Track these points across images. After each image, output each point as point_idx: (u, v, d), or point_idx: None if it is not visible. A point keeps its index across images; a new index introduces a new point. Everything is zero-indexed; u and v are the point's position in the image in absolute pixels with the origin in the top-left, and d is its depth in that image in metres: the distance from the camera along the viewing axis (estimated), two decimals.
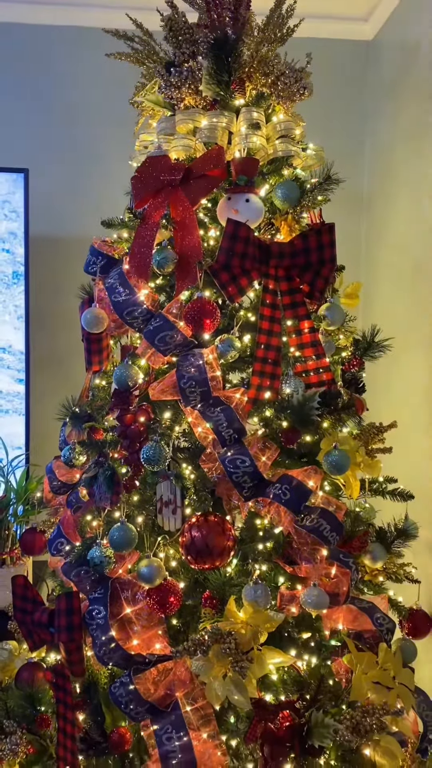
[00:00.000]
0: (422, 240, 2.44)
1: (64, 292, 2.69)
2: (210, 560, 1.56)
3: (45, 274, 2.69)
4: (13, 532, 2.25)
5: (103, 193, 2.76)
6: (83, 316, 1.76)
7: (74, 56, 2.86)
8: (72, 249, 2.73)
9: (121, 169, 2.62)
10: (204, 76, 1.67)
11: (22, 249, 2.41)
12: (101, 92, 2.86)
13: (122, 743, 1.60)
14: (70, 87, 2.88)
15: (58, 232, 2.79)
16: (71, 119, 2.87)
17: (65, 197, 2.84)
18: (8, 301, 2.41)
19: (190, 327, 1.61)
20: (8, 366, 2.43)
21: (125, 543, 1.56)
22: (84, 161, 2.88)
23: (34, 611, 1.69)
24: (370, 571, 1.88)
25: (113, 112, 2.78)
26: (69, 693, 1.62)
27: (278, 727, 1.51)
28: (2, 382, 2.42)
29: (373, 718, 1.47)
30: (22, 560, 2.27)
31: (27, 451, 2.43)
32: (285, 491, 1.54)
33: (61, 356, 2.76)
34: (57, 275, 2.71)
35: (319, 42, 1.85)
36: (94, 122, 2.87)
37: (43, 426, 2.51)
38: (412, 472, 2.09)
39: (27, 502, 2.26)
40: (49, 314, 2.72)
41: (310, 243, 1.63)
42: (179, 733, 1.48)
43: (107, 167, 2.83)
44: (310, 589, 1.56)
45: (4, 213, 2.40)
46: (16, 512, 2.24)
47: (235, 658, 1.45)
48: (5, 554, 2.22)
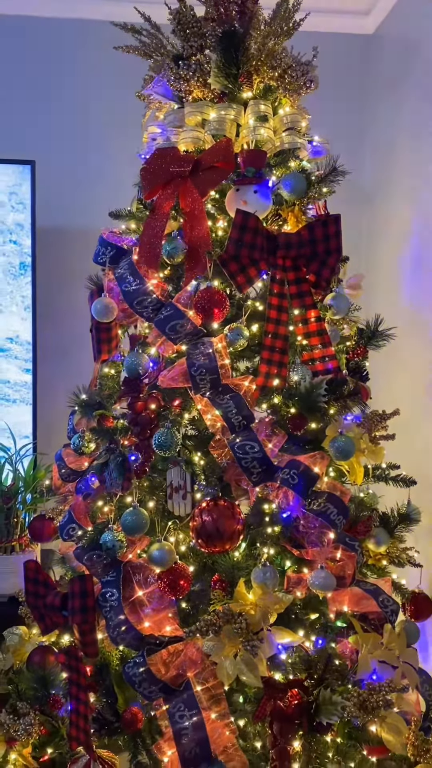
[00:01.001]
0: (423, 232, 2.48)
1: (70, 283, 2.72)
2: (220, 544, 1.60)
3: (51, 266, 2.72)
4: (21, 520, 2.28)
5: (108, 186, 2.78)
6: (93, 306, 1.78)
7: (81, 49, 2.88)
8: (77, 241, 2.76)
9: (126, 162, 2.65)
10: (213, 69, 1.69)
11: (29, 240, 2.44)
12: (107, 85, 2.87)
13: (135, 722, 1.64)
14: (77, 80, 2.89)
15: (64, 223, 2.81)
16: (77, 112, 2.89)
17: (71, 189, 2.87)
18: (15, 291, 2.44)
19: (201, 316, 1.65)
20: (16, 356, 2.45)
21: (138, 527, 1.60)
22: (89, 153, 2.90)
23: (46, 595, 1.72)
24: (374, 555, 1.92)
25: (119, 104, 2.79)
26: (82, 674, 1.66)
27: (287, 705, 1.55)
28: (10, 372, 2.45)
29: (379, 695, 1.52)
30: (31, 547, 2.31)
31: (34, 440, 2.46)
32: (293, 476, 1.58)
33: (67, 347, 2.78)
34: (63, 266, 2.74)
35: (320, 36, 1.87)
36: (99, 115, 2.89)
37: (49, 415, 2.55)
38: (414, 459, 2.13)
39: (35, 490, 2.29)
40: (56, 305, 2.75)
41: (317, 234, 1.66)
42: (191, 711, 1.52)
43: (112, 159, 2.86)
44: (317, 572, 1.60)
45: (12, 204, 2.42)
46: (24, 500, 2.27)
47: (245, 638, 1.49)
48: (14, 541, 2.26)
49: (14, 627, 2.03)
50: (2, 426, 2.44)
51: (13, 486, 2.24)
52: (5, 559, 2.25)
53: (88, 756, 1.66)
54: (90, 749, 1.64)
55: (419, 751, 1.67)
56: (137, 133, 2.27)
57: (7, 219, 2.43)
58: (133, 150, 2.22)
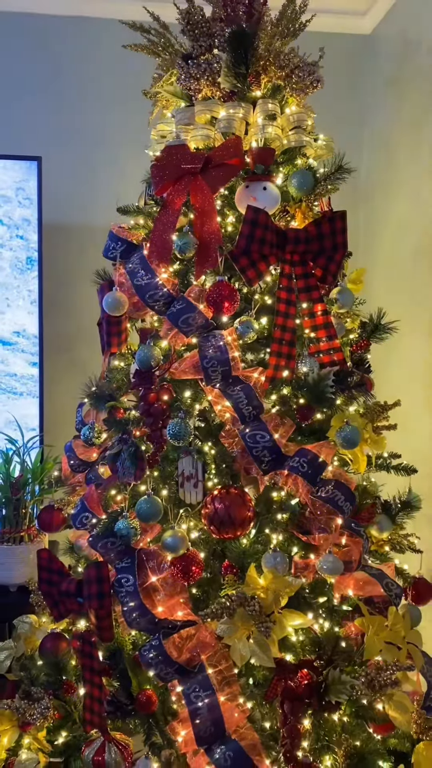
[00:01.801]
0: (421, 228, 2.54)
1: (75, 278, 2.75)
2: (232, 530, 1.65)
3: (57, 260, 2.74)
4: (29, 511, 2.32)
5: (113, 182, 2.83)
6: (104, 300, 1.82)
7: (87, 47, 2.90)
8: (82, 236, 2.80)
9: (130, 158, 2.68)
10: (223, 68, 1.73)
11: (35, 235, 2.46)
12: (112, 83, 2.90)
13: (150, 704, 1.68)
14: (83, 78, 2.92)
15: (69, 219, 2.84)
16: (83, 109, 2.92)
17: (77, 185, 2.89)
18: (22, 286, 2.46)
19: (212, 309, 1.69)
20: (22, 350, 2.48)
21: (152, 514, 1.64)
22: (95, 150, 2.93)
23: (60, 582, 1.76)
24: (377, 542, 1.99)
25: (124, 102, 2.84)
26: (95, 659, 1.71)
27: (298, 685, 1.60)
28: (17, 365, 2.48)
29: (386, 674, 1.58)
30: (39, 538, 2.34)
31: (41, 432, 2.49)
32: (303, 464, 1.63)
33: (73, 340, 2.82)
34: (68, 261, 2.77)
35: (318, 35, 1.91)
36: (105, 112, 2.93)
37: (56, 408, 2.58)
38: (413, 449, 2.19)
39: (42, 481, 2.33)
40: (62, 299, 2.78)
41: (324, 229, 1.71)
42: (206, 692, 1.56)
43: (117, 156, 2.89)
44: (326, 556, 1.66)
45: (19, 200, 2.44)
46: (33, 491, 2.31)
47: (258, 620, 1.54)
48: (23, 532, 2.29)
49: (24, 615, 2.07)
50: (9, 418, 2.47)
51: (22, 478, 2.28)
52: (14, 550, 2.29)
53: (103, 738, 1.70)
54: (105, 731, 1.69)
55: (422, 729, 1.75)
56: (142, 130, 2.30)
57: (14, 214, 2.46)
58: (138, 147, 2.25)
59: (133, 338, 2.01)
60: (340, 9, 2.82)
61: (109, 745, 1.69)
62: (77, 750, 1.81)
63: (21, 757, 1.79)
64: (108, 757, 1.67)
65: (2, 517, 2.29)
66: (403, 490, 2.02)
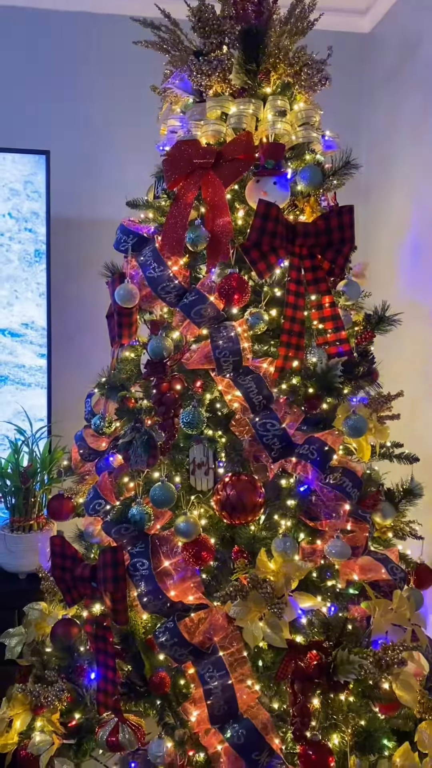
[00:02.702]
0: (420, 222, 2.59)
1: (83, 271, 2.78)
2: (243, 516, 1.69)
3: (65, 253, 2.77)
4: (39, 500, 2.35)
5: (120, 176, 2.86)
6: (116, 292, 1.85)
7: (95, 42, 2.93)
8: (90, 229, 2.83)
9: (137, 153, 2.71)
10: (234, 65, 1.77)
11: (43, 228, 2.49)
12: (120, 78, 2.93)
13: (163, 685, 1.72)
14: (91, 73, 2.95)
15: (77, 212, 2.87)
16: (91, 104, 2.95)
17: (84, 179, 2.92)
18: (30, 278, 2.49)
19: (223, 301, 1.73)
20: (31, 341, 2.51)
21: (166, 500, 1.68)
22: (102, 145, 2.96)
23: (73, 568, 1.80)
24: (380, 528, 2.04)
25: (131, 97, 2.86)
26: (109, 643, 1.75)
27: (307, 665, 1.65)
28: (26, 356, 2.51)
29: (393, 653, 1.63)
30: (49, 526, 2.38)
31: (49, 423, 2.53)
32: (312, 451, 1.68)
33: (80, 332, 2.85)
34: (76, 254, 2.79)
35: (319, 33, 1.95)
36: (112, 107, 2.96)
37: (63, 399, 2.62)
38: (416, 438, 2.25)
39: (51, 471, 2.36)
40: (69, 292, 2.82)
41: (332, 223, 1.75)
42: (220, 672, 1.61)
43: (124, 151, 2.92)
44: (334, 541, 1.70)
45: (27, 193, 2.47)
46: (42, 480, 2.34)
47: (271, 602, 1.59)
48: (32, 520, 2.32)
49: (35, 602, 2.10)
50: (18, 409, 2.50)
51: (31, 467, 2.31)
52: (24, 538, 2.32)
53: (117, 719, 1.75)
54: (119, 713, 1.73)
55: (425, 709, 1.80)
56: (149, 126, 2.34)
57: (22, 207, 2.48)
58: (144, 142, 2.29)
59: (141, 331, 2.05)
60: (341, 7, 2.86)
61: (123, 726, 1.73)
62: (89, 732, 1.85)
63: (35, 739, 1.83)
64: (122, 737, 1.72)
65: (12, 505, 2.33)
66: (406, 478, 2.08)
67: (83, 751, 1.85)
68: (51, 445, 2.44)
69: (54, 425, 2.54)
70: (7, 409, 2.54)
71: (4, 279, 2.48)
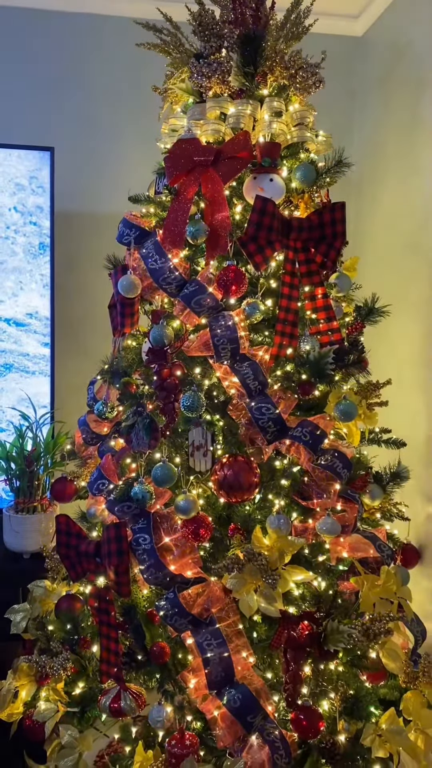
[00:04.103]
0: (410, 219, 2.69)
1: (85, 264, 2.87)
2: (240, 494, 1.78)
3: (68, 247, 2.86)
4: (42, 482, 2.44)
5: (121, 173, 2.94)
6: (119, 283, 1.93)
7: (98, 43, 3.01)
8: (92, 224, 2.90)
9: (139, 151, 2.80)
10: (233, 68, 1.86)
11: (47, 222, 2.57)
12: (122, 78, 3.01)
13: (163, 655, 1.81)
14: (94, 73, 3.02)
15: (79, 207, 2.95)
16: (94, 103, 3.03)
17: (87, 175, 3.00)
18: (35, 270, 2.57)
19: (221, 291, 1.82)
20: (35, 330, 2.59)
21: (167, 478, 1.77)
22: (105, 142, 3.04)
23: (78, 544, 1.89)
24: (368, 509, 2.14)
25: (133, 96, 2.95)
26: (112, 615, 1.84)
27: (299, 635, 1.74)
28: (30, 345, 2.59)
29: (381, 624, 1.73)
30: (52, 508, 2.47)
31: (52, 409, 2.61)
32: (305, 434, 1.77)
33: (80, 323, 2.93)
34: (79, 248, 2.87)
35: (312, 37, 2.03)
36: (115, 106, 3.03)
37: (66, 386, 2.71)
38: (403, 424, 2.34)
39: (54, 455, 2.45)
40: (72, 284, 2.90)
41: (325, 218, 1.85)
42: (218, 640, 1.70)
43: (126, 149, 3.00)
44: (324, 518, 1.80)
45: (32, 188, 2.55)
46: (46, 464, 2.43)
47: (265, 574, 1.68)
48: (36, 502, 2.41)
49: (39, 580, 2.19)
50: (23, 396, 2.59)
51: (35, 451, 2.39)
52: (28, 519, 2.40)
53: (119, 687, 1.84)
54: (121, 681, 1.82)
55: (410, 679, 1.91)
56: (150, 125, 2.43)
57: (27, 201, 2.56)
58: (145, 140, 2.37)
59: (141, 321, 2.14)
60: (334, 12, 2.95)
61: (125, 694, 1.82)
62: (92, 701, 1.94)
63: (40, 707, 1.92)
64: (124, 704, 1.80)
65: (17, 488, 2.41)
66: (393, 462, 2.18)
67: (86, 719, 1.94)
68: (54, 430, 2.53)
69: (57, 411, 2.63)
70: (12, 396, 2.63)
71: (10, 270, 2.56)
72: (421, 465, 2.47)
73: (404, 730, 1.76)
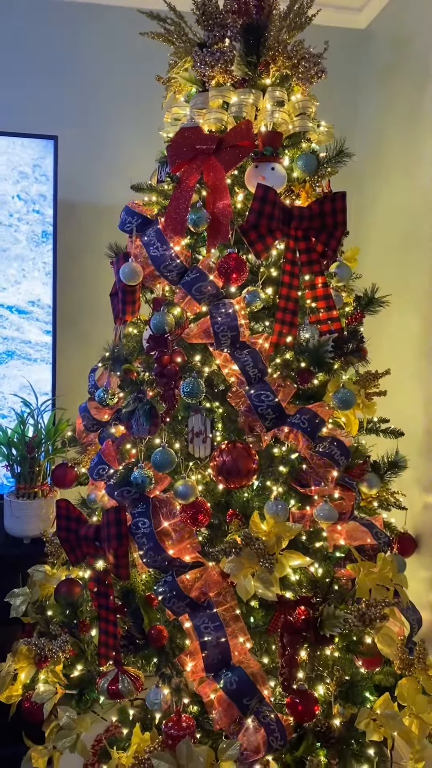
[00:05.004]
0: (411, 211, 2.70)
1: (87, 252, 2.88)
2: (238, 480, 1.80)
3: (70, 235, 2.87)
4: (43, 469, 2.46)
5: (124, 162, 2.95)
6: (121, 270, 1.95)
7: (102, 32, 3.03)
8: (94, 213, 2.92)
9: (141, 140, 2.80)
10: (236, 57, 1.87)
11: (50, 210, 2.59)
12: (126, 68, 3.03)
13: (160, 638, 1.84)
14: (98, 62, 3.04)
15: (82, 196, 2.97)
16: (98, 92, 3.05)
17: (90, 164, 3.02)
18: (38, 258, 2.59)
19: (222, 279, 1.84)
20: (37, 318, 2.61)
21: (166, 463, 1.79)
22: (108, 131, 3.06)
23: (78, 528, 1.91)
24: (366, 498, 2.16)
25: (136, 86, 2.96)
26: (110, 599, 1.85)
27: (296, 619, 1.76)
28: (32, 333, 2.61)
29: (376, 609, 1.75)
30: (52, 494, 2.49)
31: (53, 396, 2.63)
32: (303, 421, 1.78)
33: (81, 312, 2.95)
34: (81, 236, 2.89)
35: (315, 28, 2.04)
36: (118, 96, 3.05)
37: (67, 374, 2.73)
38: (401, 415, 2.36)
39: (55, 441, 2.47)
40: (74, 272, 2.92)
41: (326, 208, 1.86)
42: (215, 623, 1.72)
43: (129, 138, 3.01)
44: (322, 505, 1.82)
45: (35, 176, 2.57)
46: (47, 450, 2.45)
47: (262, 558, 1.70)
48: (37, 488, 2.43)
49: (39, 565, 2.21)
50: (24, 383, 2.61)
51: (36, 438, 2.41)
52: (29, 504, 2.43)
53: (117, 670, 1.86)
54: (119, 664, 1.84)
55: (405, 665, 1.92)
56: (152, 114, 2.43)
57: (31, 190, 2.58)
58: (148, 129, 2.38)
59: (143, 310, 2.16)
60: (338, 4, 2.96)
61: (123, 676, 1.84)
62: (90, 684, 1.96)
63: (39, 689, 1.95)
64: (121, 686, 1.82)
65: (18, 474, 2.43)
66: (391, 452, 2.20)
67: (84, 701, 1.96)
68: (55, 417, 2.55)
69: (58, 399, 2.65)
70: (13, 383, 2.65)
71: (13, 258, 2.58)
72: (419, 455, 2.49)
73: (398, 715, 1.78)
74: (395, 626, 1.96)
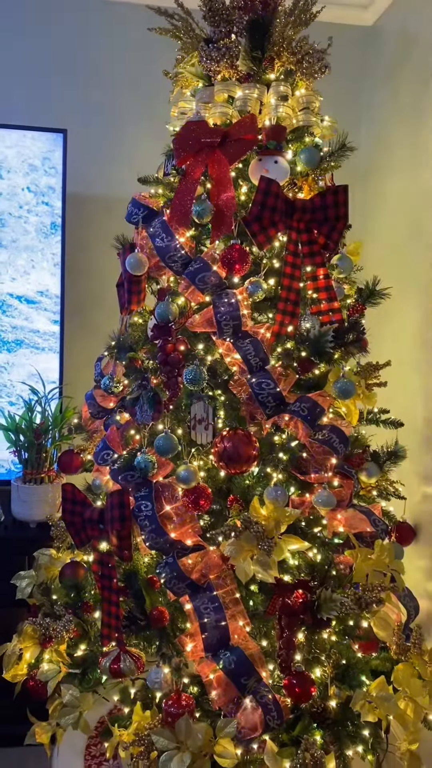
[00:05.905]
0: (414, 206, 2.73)
1: (95, 244, 2.93)
2: (239, 466, 1.84)
3: (78, 227, 2.92)
4: (50, 455, 2.51)
5: (131, 155, 3.00)
6: (127, 260, 1.99)
7: (111, 27, 3.08)
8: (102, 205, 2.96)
9: (148, 133, 2.84)
10: (242, 52, 1.91)
11: (59, 202, 2.64)
12: (133, 62, 3.07)
13: (162, 619, 1.88)
14: (107, 56, 3.09)
15: (90, 189, 3.02)
16: (107, 86, 3.09)
17: (98, 157, 3.07)
18: (46, 249, 2.64)
19: (225, 270, 1.88)
20: (45, 308, 2.67)
21: (169, 448, 1.83)
22: (116, 125, 3.10)
23: (83, 512, 1.95)
24: (365, 486, 2.20)
25: (144, 80, 3.01)
26: (113, 581, 1.90)
27: (294, 602, 1.80)
28: (40, 322, 2.66)
29: (372, 593, 1.79)
30: (58, 480, 2.54)
31: (61, 384, 2.69)
32: (303, 408, 1.82)
33: (89, 302, 3.00)
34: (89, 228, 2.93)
35: (322, 25, 2.08)
36: (126, 90, 3.10)
37: (74, 363, 2.78)
38: (401, 405, 2.39)
39: (61, 429, 2.52)
40: (82, 263, 2.97)
41: (328, 201, 1.89)
42: (215, 605, 1.76)
43: (136, 132, 3.06)
44: (321, 491, 1.85)
45: (45, 169, 2.62)
46: (53, 437, 2.50)
47: (261, 541, 1.74)
48: (43, 473, 2.49)
49: (44, 548, 2.26)
50: (32, 371, 2.67)
51: (43, 425, 2.47)
52: (36, 489, 2.48)
53: (119, 649, 1.91)
54: (121, 644, 1.89)
55: (401, 651, 1.96)
56: (160, 108, 2.48)
57: (40, 182, 2.63)
58: (155, 123, 2.42)
59: (148, 301, 2.20)
60: (345, 2, 2.99)
61: (124, 656, 1.88)
62: (93, 663, 2.01)
63: (43, 667, 2.00)
64: (123, 665, 1.87)
65: (25, 459, 2.48)
66: (391, 442, 2.23)
67: (87, 680, 2.01)
68: (62, 404, 2.60)
69: (65, 387, 2.70)
70: (21, 371, 2.71)
71: (22, 249, 2.63)
72: (418, 446, 2.52)
73: (393, 697, 1.81)
74: (393, 613, 2.00)
